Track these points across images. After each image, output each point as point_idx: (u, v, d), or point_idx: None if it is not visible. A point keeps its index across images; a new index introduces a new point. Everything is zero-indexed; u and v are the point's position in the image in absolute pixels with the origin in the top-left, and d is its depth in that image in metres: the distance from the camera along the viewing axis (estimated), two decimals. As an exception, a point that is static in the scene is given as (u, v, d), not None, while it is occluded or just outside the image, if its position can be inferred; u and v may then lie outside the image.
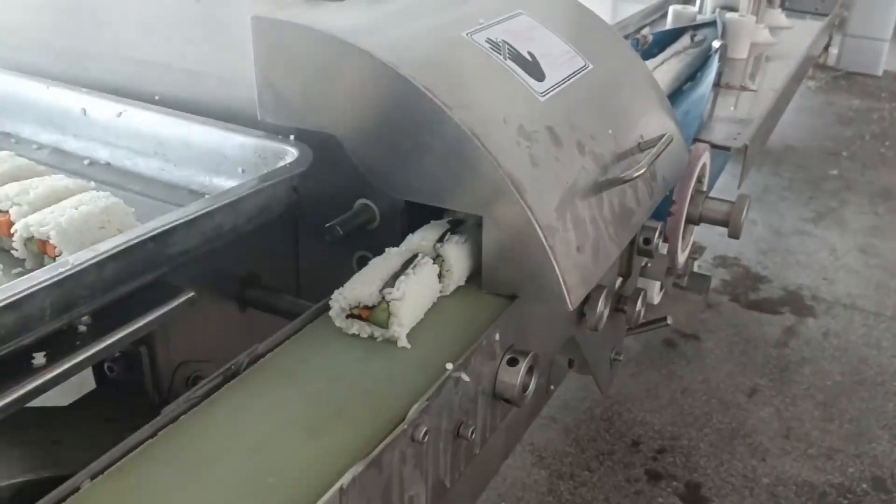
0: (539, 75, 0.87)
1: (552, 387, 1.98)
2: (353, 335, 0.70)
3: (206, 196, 0.73)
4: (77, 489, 0.52)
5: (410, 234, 0.78)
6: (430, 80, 0.74)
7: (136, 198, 0.85)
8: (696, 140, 1.24)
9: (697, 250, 2.61)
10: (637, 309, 1.11)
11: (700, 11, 1.85)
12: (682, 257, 1.25)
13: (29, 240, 0.69)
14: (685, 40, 1.54)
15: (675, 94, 1.35)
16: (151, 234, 0.64)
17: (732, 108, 1.43)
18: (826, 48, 5.42)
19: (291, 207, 0.80)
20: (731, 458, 2.18)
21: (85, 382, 0.80)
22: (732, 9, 1.84)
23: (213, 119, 0.87)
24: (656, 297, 1.33)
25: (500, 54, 0.85)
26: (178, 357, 0.79)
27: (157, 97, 1.00)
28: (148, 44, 0.98)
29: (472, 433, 0.70)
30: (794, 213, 3.49)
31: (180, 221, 0.66)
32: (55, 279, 0.57)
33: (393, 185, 0.80)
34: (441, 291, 0.76)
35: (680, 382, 2.47)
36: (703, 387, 2.45)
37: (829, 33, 5.36)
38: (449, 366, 0.66)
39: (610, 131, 0.90)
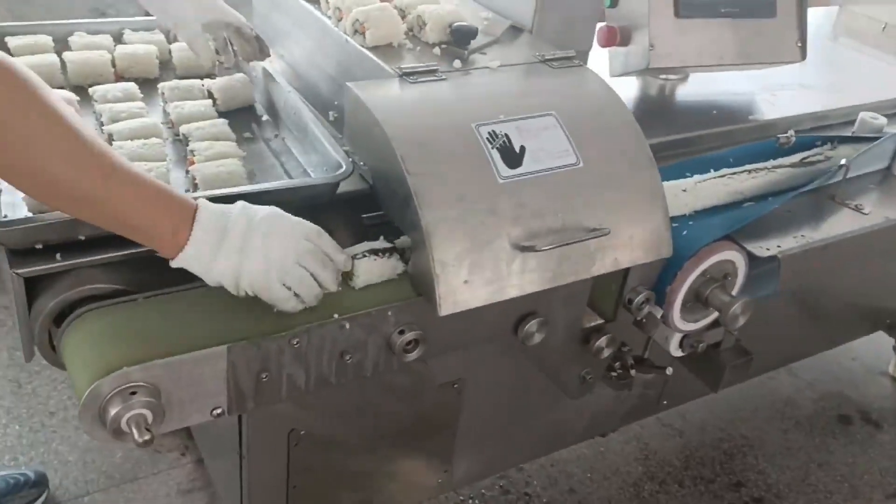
0: (515, 164, 1.28)
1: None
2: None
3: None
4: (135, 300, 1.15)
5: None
6: (408, 152, 1.21)
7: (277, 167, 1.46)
8: (729, 239, 1.50)
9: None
10: (598, 346, 1.48)
11: (913, 120, 1.92)
12: (683, 325, 1.54)
13: (193, 179, 1.33)
14: (794, 158, 1.69)
15: (726, 207, 1.58)
16: (233, 194, 1.23)
17: (813, 224, 1.61)
18: None
19: (337, 199, 1.34)
20: (820, 539, 2.29)
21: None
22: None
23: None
24: (674, 350, 1.63)
25: (492, 144, 1.28)
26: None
27: (336, 102, 1.59)
28: (329, 64, 1.57)
29: (350, 359, 1.21)
30: None
31: (250, 192, 1.24)
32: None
33: (386, 208, 1.31)
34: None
35: (826, 456, 2.56)
36: (845, 469, 2.51)
37: None
38: (335, 315, 1.17)
39: (559, 215, 1.29)
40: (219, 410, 1.16)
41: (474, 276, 1.22)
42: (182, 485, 2.17)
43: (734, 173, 1.61)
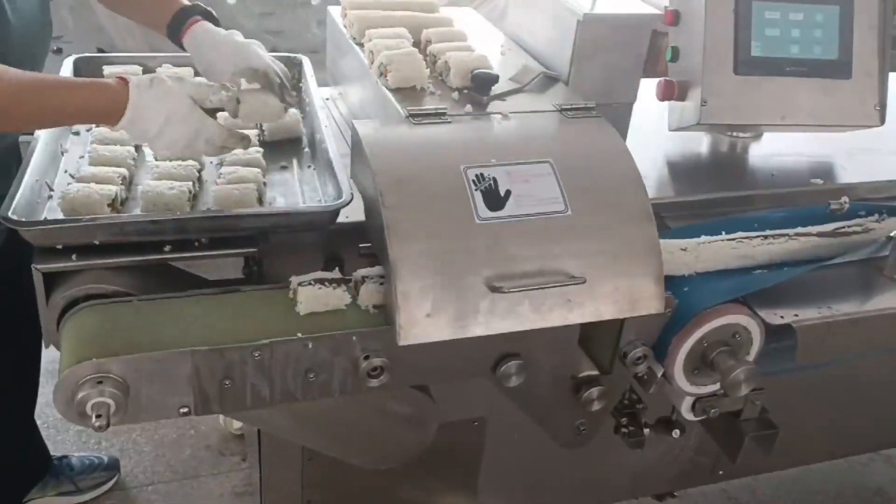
0: (496, 207, 1.31)
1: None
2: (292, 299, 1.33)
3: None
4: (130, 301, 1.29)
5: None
6: (388, 187, 1.28)
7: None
8: (740, 303, 1.45)
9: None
10: (588, 397, 1.46)
11: None
12: (688, 387, 1.49)
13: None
14: (826, 227, 1.57)
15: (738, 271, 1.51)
16: (234, 214, 1.35)
17: (854, 296, 1.51)
18: None
19: (350, 227, 1.43)
20: None
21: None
22: None
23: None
24: (686, 413, 1.57)
25: (476, 186, 1.32)
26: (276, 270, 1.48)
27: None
28: (367, 103, 1.67)
29: (314, 378, 1.28)
30: None
31: (252, 213, 1.36)
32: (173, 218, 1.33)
33: (371, 239, 1.37)
34: (361, 304, 1.33)
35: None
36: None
37: None
38: (299, 335, 1.25)
39: (538, 260, 1.30)
40: (185, 409, 1.26)
41: (438, 310, 1.26)
42: (237, 487, 2.31)
43: (747, 237, 1.53)
